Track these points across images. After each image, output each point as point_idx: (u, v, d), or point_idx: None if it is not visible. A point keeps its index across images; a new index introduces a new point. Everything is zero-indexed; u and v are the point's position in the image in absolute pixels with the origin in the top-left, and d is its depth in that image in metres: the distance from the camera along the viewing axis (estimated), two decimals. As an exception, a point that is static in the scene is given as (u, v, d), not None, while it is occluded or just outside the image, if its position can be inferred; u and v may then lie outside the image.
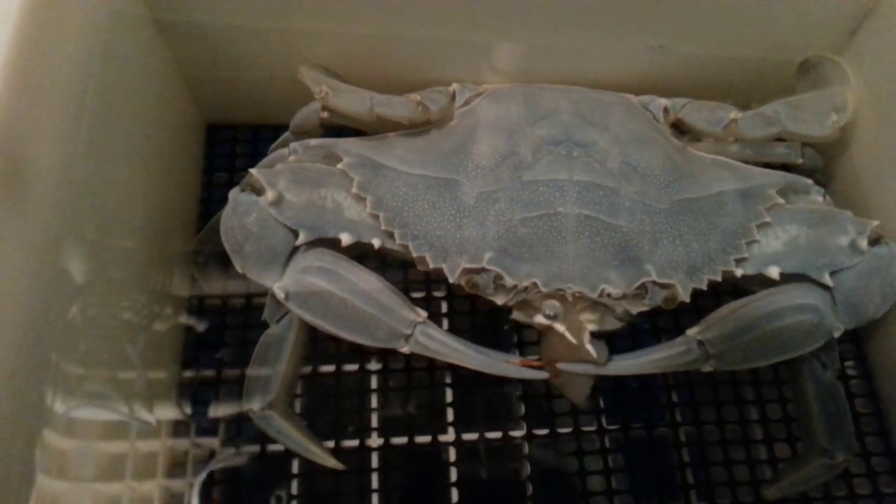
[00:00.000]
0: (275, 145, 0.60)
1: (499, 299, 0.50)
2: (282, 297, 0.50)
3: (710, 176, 0.55)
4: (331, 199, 0.53)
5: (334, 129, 0.59)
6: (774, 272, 0.52)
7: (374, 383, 0.61)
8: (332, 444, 0.58)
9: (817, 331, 0.51)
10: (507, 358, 0.50)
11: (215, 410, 0.59)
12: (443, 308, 0.63)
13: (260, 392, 0.53)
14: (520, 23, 0.59)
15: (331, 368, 0.61)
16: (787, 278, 0.52)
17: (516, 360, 0.50)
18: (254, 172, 0.52)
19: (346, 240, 0.51)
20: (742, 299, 0.52)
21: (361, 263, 0.51)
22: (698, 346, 0.50)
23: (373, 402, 0.60)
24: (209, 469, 0.57)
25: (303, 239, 0.51)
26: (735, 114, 0.56)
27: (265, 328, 0.53)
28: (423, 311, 0.50)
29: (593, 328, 0.50)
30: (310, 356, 0.60)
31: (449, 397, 0.60)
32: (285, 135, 0.60)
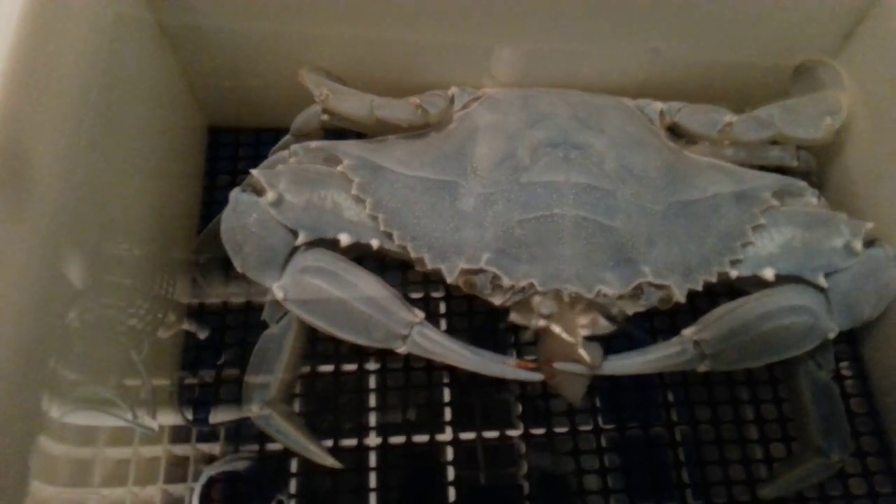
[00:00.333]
0: (276, 147, 0.60)
1: (496, 300, 0.51)
2: (281, 296, 0.51)
3: (706, 178, 0.56)
4: (330, 200, 0.53)
5: (335, 133, 0.60)
6: (769, 274, 0.53)
7: (372, 383, 0.61)
8: (330, 443, 0.58)
9: (812, 332, 0.51)
10: (504, 359, 0.51)
11: (215, 413, 0.59)
12: (441, 309, 0.64)
13: (259, 391, 0.53)
14: (518, 27, 0.60)
15: (330, 368, 0.61)
16: (783, 280, 0.53)
17: (512, 362, 0.51)
18: (255, 173, 0.52)
19: (346, 240, 0.52)
20: (737, 300, 0.53)
21: (360, 265, 0.52)
22: (694, 347, 0.51)
23: (371, 401, 0.60)
24: (209, 474, 0.57)
25: (302, 239, 0.51)
26: (730, 117, 0.56)
27: (265, 328, 0.54)
28: (420, 312, 0.51)
29: (587, 332, 0.50)
30: (309, 356, 0.61)
31: (447, 397, 0.61)
32: (286, 137, 0.61)
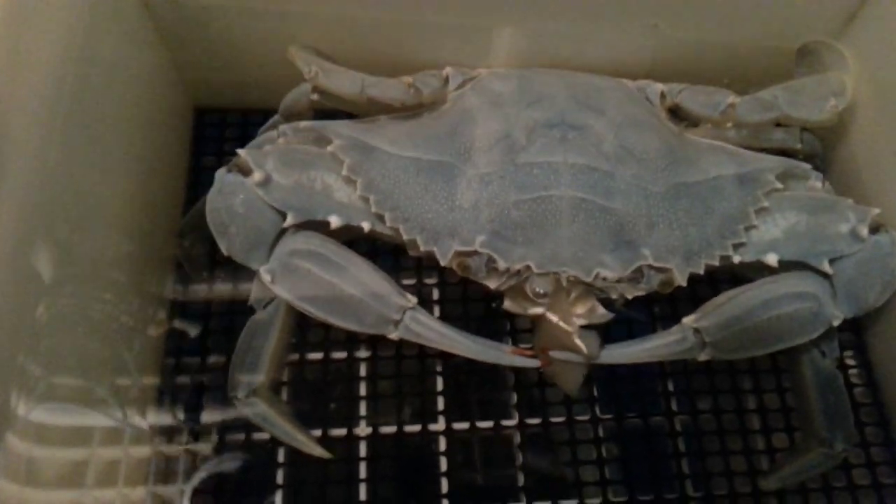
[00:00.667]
0: (264, 128, 0.59)
1: (491, 283, 0.50)
2: (268, 280, 0.49)
3: (708, 160, 0.55)
4: (320, 181, 0.52)
5: (325, 114, 0.58)
6: (773, 259, 0.51)
7: (363, 371, 0.60)
8: (319, 432, 0.57)
9: (816, 319, 0.50)
10: (499, 346, 0.50)
11: (205, 412, 0.58)
12: (434, 295, 0.62)
13: (245, 378, 0.52)
14: (514, 6, 0.59)
15: (319, 356, 0.60)
16: (786, 266, 0.52)
17: (508, 349, 0.50)
18: (241, 153, 0.51)
19: (336, 222, 0.50)
20: (739, 287, 0.51)
21: (351, 249, 0.50)
22: (694, 335, 0.49)
23: (362, 390, 0.59)
24: (201, 476, 0.56)
25: (290, 221, 0.50)
26: (732, 98, 0.55)
27: (252, 314, 0.52)
28: (412, 297, 0.49)
29: (584, 322, 0.49)
30: (297, 343, 0.59)
31: (440, 386, 0.60)
32: (275, 117, 0.60)
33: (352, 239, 0.52)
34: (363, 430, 0.58)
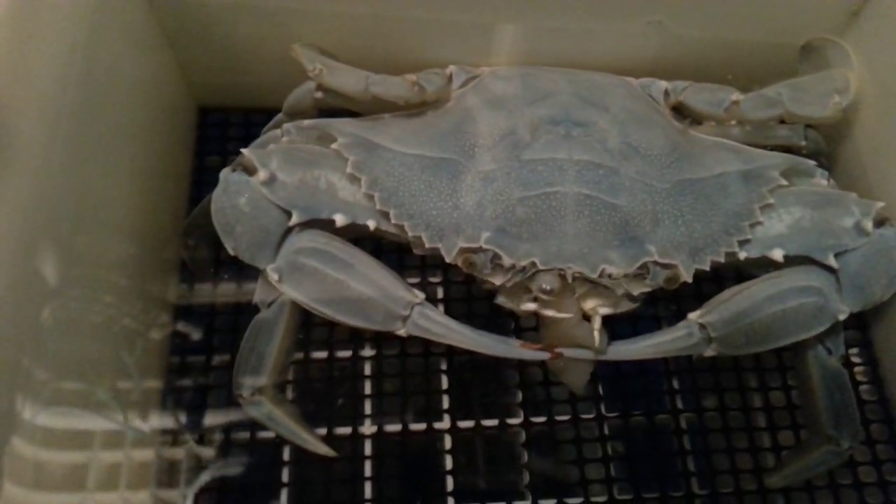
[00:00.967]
0: (268, 127, 0.59)
1: (496, 279, 0.49)
2: (275, 278, 0.49)
3: (712, 157, 0.54)
4: (324, 179, 0.52)
5: (329, 112, 0.58)
6: (778, 254, 0.51)
7: (367, 370, 0.60)
8: (324, 431, 0.57)
9: (822, 313, 0.50)
10: (507, 340, 0.49)
11: (205, 405, 0.58)
12: (439, 294, 0.62)
13: (250, 377, 0.51)
14: (518, 3, 0.59)
15: (323, 354, 0.60)
16: (791, 261, 0.52)
17: (515, 343, 0.49)
18: (245, 152, 0.51)
19: (341, 220, 0.50)
20: (745, 283, 0.51)
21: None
22: (700, 330, 0.49)
23: (367, 388, 0.59)
24: (204, 480, 0.55)
25: (295, 219, 0.49)
26: (736, 95, 0.55)
27: (256, 313, 0.52)
28: (420, 293, 0.49)
29: (608, 311, 0.49)
30: (302, 341, 0.59)
31: (444, 384, 0.59)
32: (278, 116, 0.59)
33: (357, 238, 0.52)
34: (368, 428, 0.58)
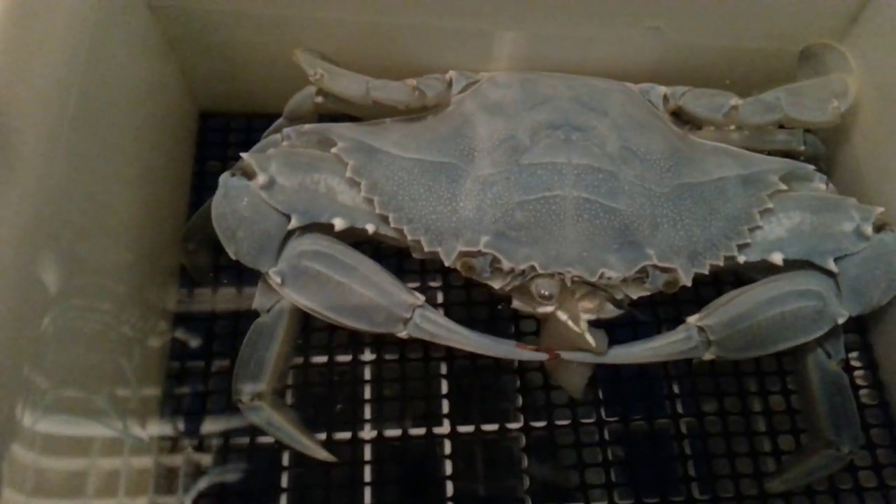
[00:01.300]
0: (268, 131, 0.59)
1: (496, 283, 0.50)
2: (277, 282, 0.49)
3: (712, 162, 0.55)
4: (324, 183, 0.52)
5: (329, 118, 0.58)
6: (778, 258, 0.51)
7: (367, 374, 0.59)
8: (323, 436, 0.57)
9: (821, 317, 0.50)
10: (507, 342, 0.49)
11: (204, 409, 0.58)
12: (438, 298, 0.62)
13: (250, 382, 0.51)
14: (517, 9, 0.59)
15: (323, 359, 0.60)
16: (791, 265, 0.52)
17: (514, 345, 0.49)
18: (245, 157, 0.51)
19: (340, 224, 0.50)
20: (744, 286, 0.51)
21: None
22: (699, 333, 0.49)
23: (366, 393, 0.59)
24: (201, 487, 0.55)
25: (295, 223, 0.50)
26: (735, 101, 0.55)
27: (255, 318, 0.52)
28: (420, 296, 0.49)
29: (591, 317, 0.49)
30: (301, 346, 0.59)
31: (444, 389, 0.59)
32: (279, 121, 0.60)
33: (356, 242, 0.52)
34: (368, 433, 0.57)
